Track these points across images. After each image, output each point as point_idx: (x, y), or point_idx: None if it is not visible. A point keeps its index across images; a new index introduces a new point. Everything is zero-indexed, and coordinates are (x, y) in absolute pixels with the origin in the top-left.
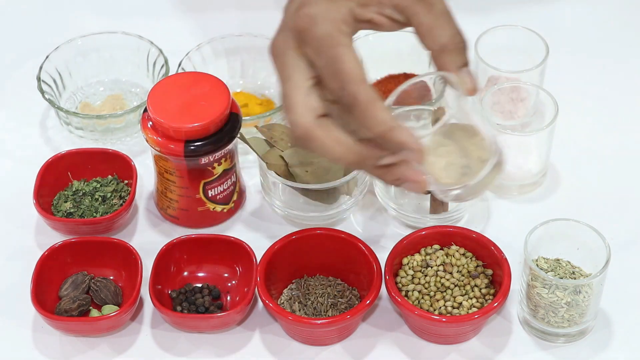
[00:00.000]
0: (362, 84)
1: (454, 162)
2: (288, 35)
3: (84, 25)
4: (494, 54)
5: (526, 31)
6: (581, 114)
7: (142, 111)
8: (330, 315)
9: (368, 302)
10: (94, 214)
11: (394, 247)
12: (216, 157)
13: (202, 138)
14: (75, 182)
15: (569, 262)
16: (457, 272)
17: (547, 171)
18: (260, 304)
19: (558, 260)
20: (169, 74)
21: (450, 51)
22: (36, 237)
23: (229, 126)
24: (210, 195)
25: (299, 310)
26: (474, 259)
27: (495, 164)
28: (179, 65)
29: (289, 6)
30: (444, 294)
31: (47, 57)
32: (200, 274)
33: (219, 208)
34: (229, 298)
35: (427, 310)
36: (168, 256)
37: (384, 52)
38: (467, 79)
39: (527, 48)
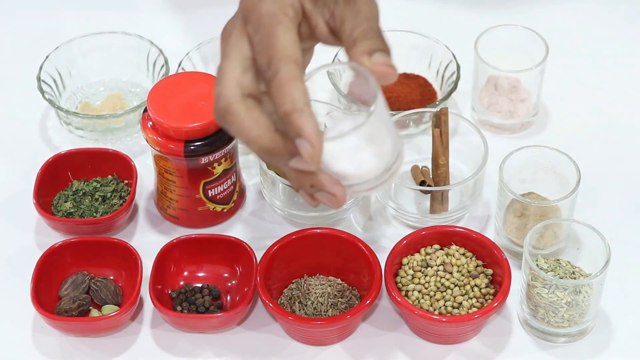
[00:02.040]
0: (288, 62)
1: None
2: (237, 17)
3: (84, 25)
4: (493, 53)
5: (526, 30)
6: (580, 106)
7: (142, 111)
8: (330, 315)
9: (368, 302)
10: (94, 214)
11: (394, 247)
12: (216, 157)
13: (202, 138)
14: (75, 182)
15: (569, 262)
16: (457, 272)
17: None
18: (260, 304)
19: (558, 260)
20: (169, 74)
21: (361, 39)
22: (36, 237)
23: None
24: (210, 195)
25: (299, 310)
26: (474, 258)
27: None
28: (179, 65)
29: None
30: (444, 293)
31: (47, 57)
32: (200, 274)
33: (219, 208)
34: (229, 298)
35: (427, 310)
36: (168, 256)
37: None
38: (378, 60)
39: (527, 47)
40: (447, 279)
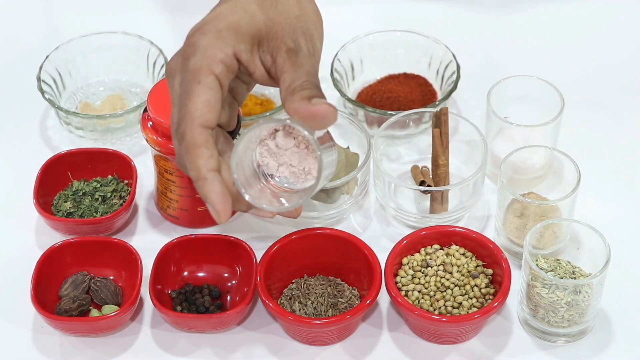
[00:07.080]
0: (194, 127)
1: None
2: (178, 59)
3: (84, 25)
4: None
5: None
6: (588, 112)
7: (142, 111)
8: (330, 315)
9: (368, 302)
10: (94, 214)
11: (394, 247)
12: None
13: None
14: (75, 182)
15: (569, 262)
16: (457, 272)
17: (552, 165)
18: (260, 304)
19: (558, 260)
20: None
21: (300, 89)
22: (36, 237)
23: None
24: None
25: (299, 310)
26: (474, 258)
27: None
28: None
29: (191, 28)
30: (444, 293)
31: (47, 57)
32: (200, 274)
33: None
34: (229, 298)
35: (427, 310)
36: (168, 256)
37: (384, 52)
38: (318, 101)
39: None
40: (447, 279)
